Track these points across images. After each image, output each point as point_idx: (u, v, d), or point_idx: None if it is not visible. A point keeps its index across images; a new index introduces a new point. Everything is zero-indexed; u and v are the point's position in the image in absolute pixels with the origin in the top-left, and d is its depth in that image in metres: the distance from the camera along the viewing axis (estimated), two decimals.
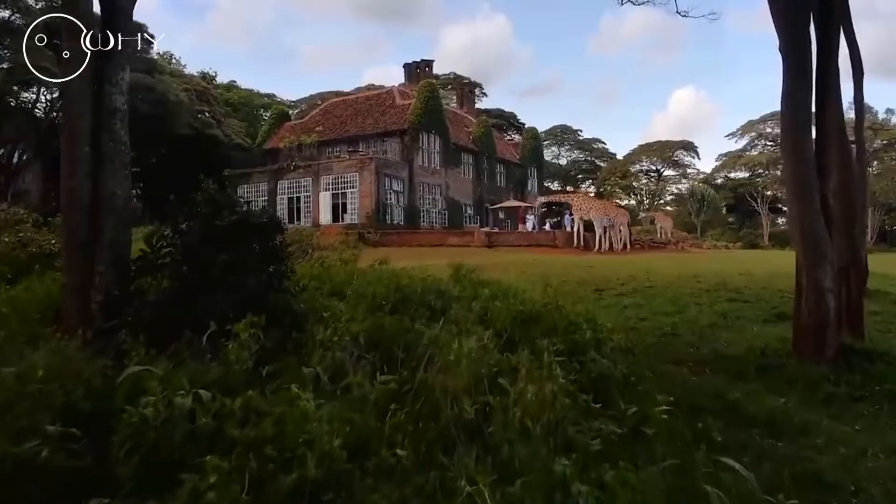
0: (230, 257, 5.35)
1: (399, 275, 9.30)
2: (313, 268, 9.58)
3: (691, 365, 7.39)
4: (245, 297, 5.20)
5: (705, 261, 22.14)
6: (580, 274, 15.64)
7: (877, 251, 55.51)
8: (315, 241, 12.46)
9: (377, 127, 36.26)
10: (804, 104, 6.82)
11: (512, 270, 16.25)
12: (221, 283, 5.26)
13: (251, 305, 5.26)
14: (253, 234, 5.58)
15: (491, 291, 8.12)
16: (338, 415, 2.75)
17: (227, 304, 5.14)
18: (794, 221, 6.95)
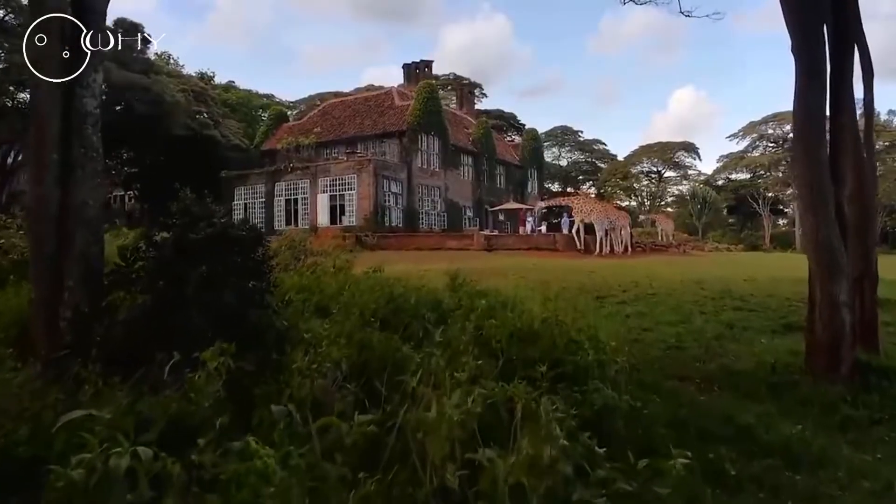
0: (206, 272, 5.00)
1: (392, 284, 8.94)
2: (303, 277, 9.23)
3: (698, 381, 7.02)
4: (222, 314, 4.85)
5: (708, 265, 21.78)
6: (581, 279, 15.27)
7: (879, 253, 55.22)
8: (308, 247, 12.05)
9: (376, 128, 35.91)
10: (818, 107, 6.45)
11: (511, 276, 15.90)
12: (197, 300, 4.90)
13: (229, 324, 4.91)
14: (232, 248, 5.22)
15: (488, 303, 7.74)
16: (303, 475, 2.37)
17: (202, 323, 4.80)
18: (807, 232, 6.58)
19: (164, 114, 34.27)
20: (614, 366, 5.07)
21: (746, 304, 11.71)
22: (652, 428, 4.58)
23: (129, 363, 4.57)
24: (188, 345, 4.64)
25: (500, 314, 6.99)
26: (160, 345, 4.56)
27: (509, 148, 47.83)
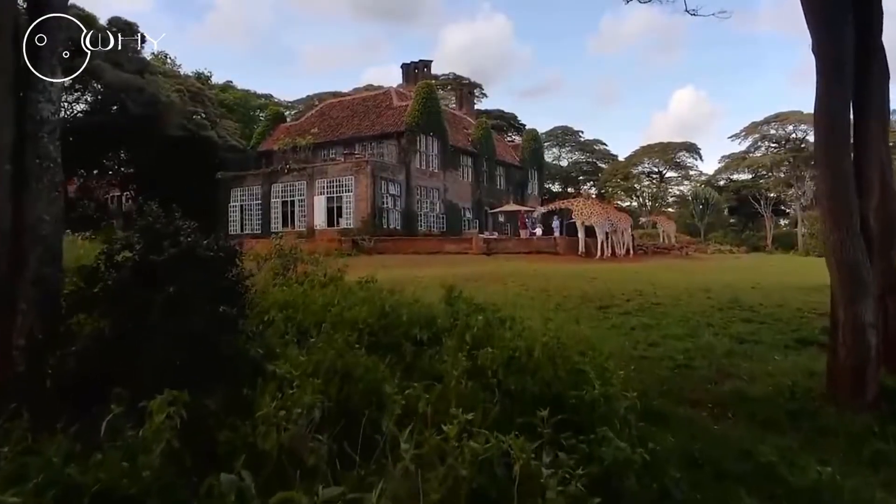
0: (171, 297, 4.51)
1: (385, 297, 8.43)
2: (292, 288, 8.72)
3: (710, 407, 6.53)
4: (189, 344, 4.37)
5: (712, 270, 21.28)
6: (582, 287, 14.78)
7: None
8: (299, 255, 11.55)
9: (374, 129, 35.40)
10: (842, 112, 5.96)
11: (510, 283, 15.41)
12: (160, 328, 4.42)
13: (197, 354, 4.43)
14: (201, 268, 4.72)
15: (485, 318, 7.24)
16: None
17: (166, 354, 4.32)
18: (830, 248, 6.08)
19: (159, 114, 33.79)
20: (623, 402, 4.57)
21: (756, 316, 11.21)
22: (665, 472, 4.10)
23: (85, 398, 4.10)
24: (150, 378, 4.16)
25: (498, 333, 6.51)
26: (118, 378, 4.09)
27: (509, 148, 47.31)
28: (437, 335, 6.65)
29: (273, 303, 7.24)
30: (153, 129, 35.09)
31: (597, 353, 6.21)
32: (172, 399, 3.26)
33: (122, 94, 32.93)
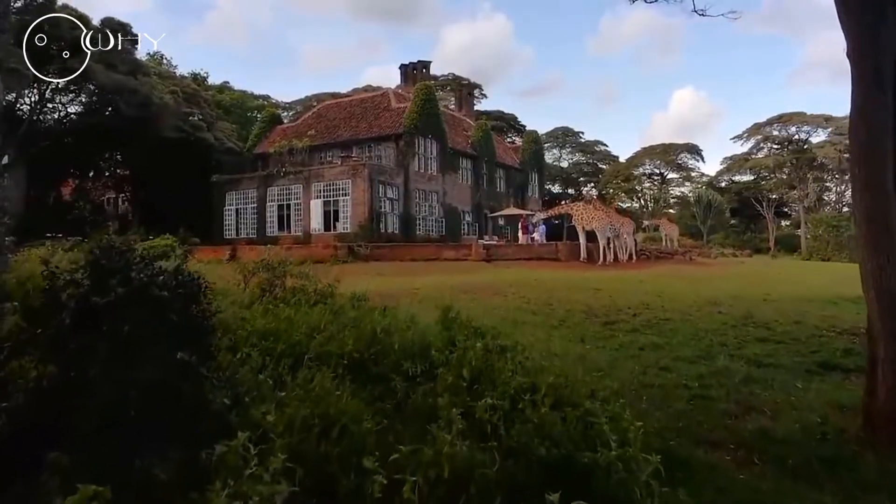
0: (120, 342, 3.91)
1: (376, 320, 7.82)
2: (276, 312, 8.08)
3: (733, 448, 5.90)
4: (140, 397, 3.76)
5: (719, 279, 20.65)
6: (586, 299, 14.16)
7: None
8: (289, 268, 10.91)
9: (371, 131, 34.78)
10: (882, 124, 5.34)
11: (511, 295, 14.77)
12: (106, 378, 3.80)
13: (148, 409, 3.81)
14: (155, 309, 4.11)
15: (485, 345, 6.62)
16: None
17: (112, 409, 3.70)
18: (867, 275, 5.46)
19: (152, 116, 33.14)
20: (645, 466, 3.94)
21: (772, 335, 10.58)
22: None
23: (16, 462, 3.50)
24: (92, 440, 3.56)
25: (498, 365, 5.91)
26: (56, 439, 3.50)
27: (509, 150, 46.68)
28: (433, 367, 6.06)
29: (252, 332, 6.63)
30: (147, 132, 34.48)
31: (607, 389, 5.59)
32: (94, 494, 2.64)
33: (115, 96, 32.28)
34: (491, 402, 4.43)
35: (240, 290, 10.49)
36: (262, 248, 26.55)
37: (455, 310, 8.60)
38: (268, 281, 10.76)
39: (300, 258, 23.70)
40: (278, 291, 10.28)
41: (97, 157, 43.93)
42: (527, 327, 11.25)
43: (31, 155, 36.69)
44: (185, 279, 4.35)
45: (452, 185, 36.66)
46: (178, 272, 4.43)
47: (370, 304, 10.72)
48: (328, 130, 36.75)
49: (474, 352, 6.26)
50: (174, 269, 4.47)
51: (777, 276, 22.13)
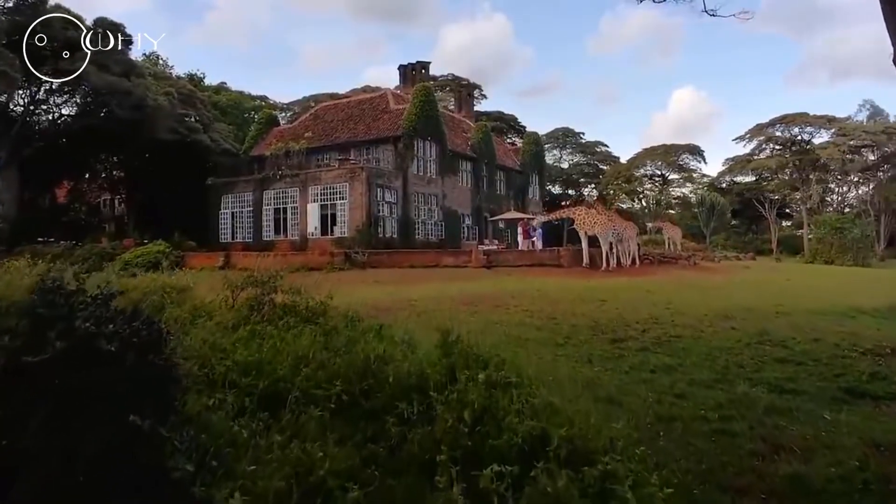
0: (61, 405, 3.33)
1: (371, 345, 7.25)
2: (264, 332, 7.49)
3: (764, 498, 5.31)
4: (83, 470, 3.17)
5: (727, 287, 20.04)
6: (592, 312, 13.56)
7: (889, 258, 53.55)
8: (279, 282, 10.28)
9: (370, 133, 34.17)
10: None
11: (513, 308, 14.17)
12: (43, 448, 3.22)
13: (92, 483, 3.23)
14: (105, 364, 3.52)
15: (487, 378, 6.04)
16: None
17: (49, 486, 3.13)
18: None
19: (146, 118, 32.53)
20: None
21: (791, 354, 9.99)
22: None
23: None
24: None
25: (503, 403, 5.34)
26: None
27: (510, 152, 46.08)
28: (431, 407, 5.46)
29: (232, 366, 6.02)
30: (141, 133, 33.89)
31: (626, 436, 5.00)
32: None
33: (108, 98, 31.68)
34: (498, 468, 3.83)
35: (227, 306, 9.86)
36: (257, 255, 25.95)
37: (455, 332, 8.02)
38: (256, 298, 10.10)
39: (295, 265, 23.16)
40: (267, 310, 9.62)
41: (92, 159, 43.35)
42: (531, 345, 10.66)
43: (25, 157, 36.12)
44: (143, 324, 3.75)
45: (452, 187, 36.06)
46: (135, 316, 3.83)
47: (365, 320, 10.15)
48: (326, 132, 36.14)
49: (476, 387, 5.68)
50: (131, 312, 3.88)
51: (786, 285, 21.52)
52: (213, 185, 34.94)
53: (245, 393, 5.41)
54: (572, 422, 5.07)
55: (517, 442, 4.69)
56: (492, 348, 9.85)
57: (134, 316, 3.78)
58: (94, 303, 3.72)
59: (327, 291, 14.16)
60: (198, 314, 9.00)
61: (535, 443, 4.77)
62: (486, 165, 39.53)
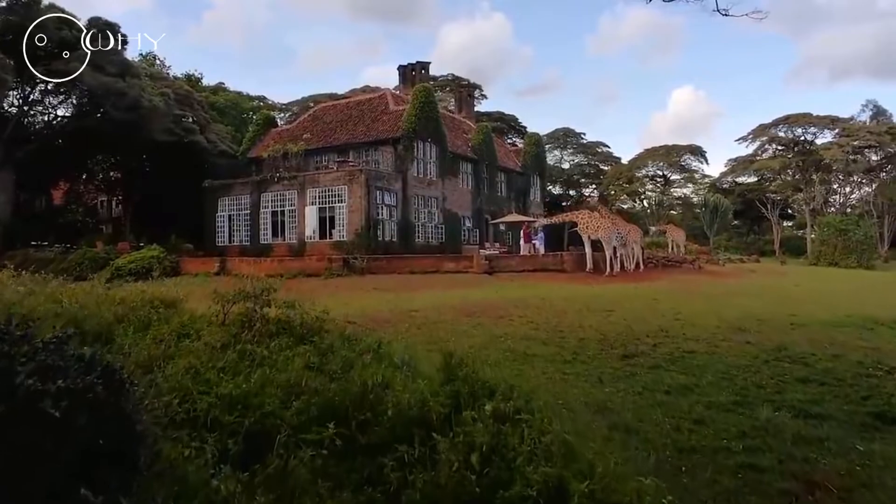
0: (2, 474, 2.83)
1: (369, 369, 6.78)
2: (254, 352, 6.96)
3: None
4: None
5: (736, 294, 19.52)
6: (599, 325, 13.04)
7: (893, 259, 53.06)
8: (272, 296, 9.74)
9: (369, 134, 33.62)
10: None
11: (517, 319, 13.63)
12: None
13: None
14: (51, 427, 3.00)
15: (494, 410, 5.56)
16: None
17: None
18: None
19: (141, 119, 31.97)
20: None
21: (813, 373, 9.46)
22: None
23: None
24: None
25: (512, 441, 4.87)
26: None
27: (511, 153, 45.53)
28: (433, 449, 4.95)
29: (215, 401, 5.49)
30: (137, 135, 33.35)
31: (653, 488, 4.49)
32: None
33: (102, 99, 31.14)
34: None
35: (217, 321, 9.29)
36: (253, 261, 25.43)
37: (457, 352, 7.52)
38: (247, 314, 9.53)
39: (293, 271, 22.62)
40: (259, 326, 9.04)
41: (89, 160, 42.82)
42: (537, 361, 10.15)
43: (19, 158, 35.56)
44: (99, 377, 3.21)
45: (452, 190, 35.52)
46: (91, 366, 3.29)
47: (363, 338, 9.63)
48: (324, 134, 35.60)
49: (483, 422, 5.19)
50: (88, 359, 3.34)
51: (796, 291, 20.99)
52: (210, 188, 34.40)
53: (229, 433, 4.90)
54: (592, 469, 4.57)
55: (531, 495, 4.20)
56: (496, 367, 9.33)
57: (90, 366, 3.25)
58: (44, 349, 3.20)
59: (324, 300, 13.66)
60: (186, 331, 8.46)
61: (551, 495, 4.27)
62: (487, 167, 38.99)
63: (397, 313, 14.14)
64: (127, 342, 7.65)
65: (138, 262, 24.22)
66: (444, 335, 11.85)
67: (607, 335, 11.99)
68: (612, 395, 8.54)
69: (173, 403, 5.23)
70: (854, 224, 48.49)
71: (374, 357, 7.89)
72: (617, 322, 13.33)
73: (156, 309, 9.84)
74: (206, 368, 6.42)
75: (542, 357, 10.36)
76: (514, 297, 16.57)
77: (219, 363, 6.65)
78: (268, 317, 9.22)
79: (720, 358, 10.38)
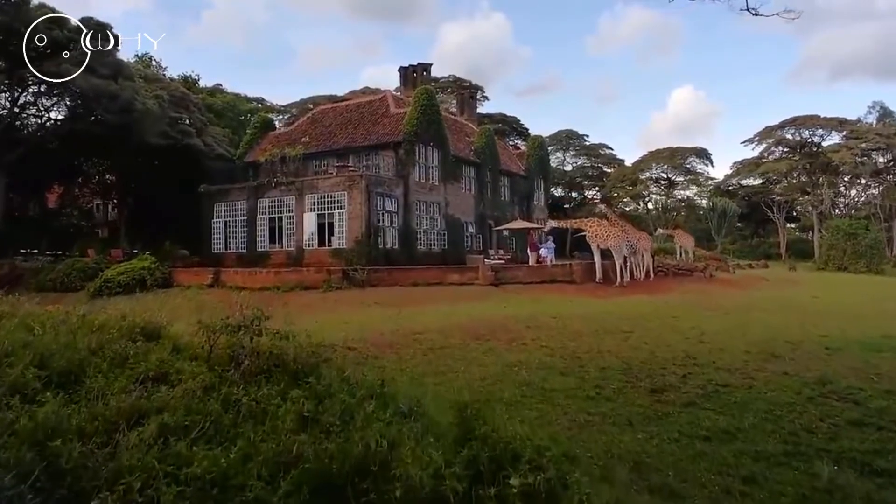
0: None
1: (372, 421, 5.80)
2: (238, 405, 5.98)
3: None
4: None
5: (754, 307, 18.52)
6: (619, 349, 12.05)
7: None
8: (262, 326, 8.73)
9: (369, 138, 32.63)
10: None
11: (531, 343, 12.63)
12: None
13: None
14: None
15: (522, 486, 4.63)
16: None
17: None
18: None
19: (134, 122, 30.99)
20: None
21: (866, 414, 8.47)
22: None
23: None
24: None
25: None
26: None
27: (514, 156, 44.53)
28: None
29: (185, 486, 4.50)
30: (131, 138, 32.38)
31: None
32: None
33: (93, 102, 30.16)
34: None
35: (203, 353, 8.24)
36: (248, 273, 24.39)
37: (473, 406, 6.53)
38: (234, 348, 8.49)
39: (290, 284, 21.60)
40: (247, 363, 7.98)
41: (84, 163, 41.89)
42: (557, 397, 9.16)
43: (10, 161, 34.57)
44: None
45: (455, 194, 34.53)
46: None
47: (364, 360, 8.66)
48: (323, 137, 34.61)
49: None
50: None
51: (816, 304, 19.99)
52: (206, 193, 33.39)
53: None
54: None
55: None
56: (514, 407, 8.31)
57: None
58: None
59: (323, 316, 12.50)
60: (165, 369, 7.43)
61: None
62: (490, 171, 38.00)
63: (400, 335, 13.17)
64: (97, 384, 6.63)
65: (128, 275, 23.20)
66: (453, 363, 10.88)
67: (630, 363, 11.00)
68: (646, 444, 7.56)
69: (133, 488, 4.25)
70: (864, 228, 47.58)
71: (377, 402, 6.92)
72: (638, 346, 12.36)
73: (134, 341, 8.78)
74: (180, 430, 5.40)
75: (561, 392, 9.38)
76: (525, 315, 15.57)
77: (196, 424, 5.63)
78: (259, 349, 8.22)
79: (759, 393, 9.40)
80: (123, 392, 6.07)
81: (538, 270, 24.01)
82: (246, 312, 8.86)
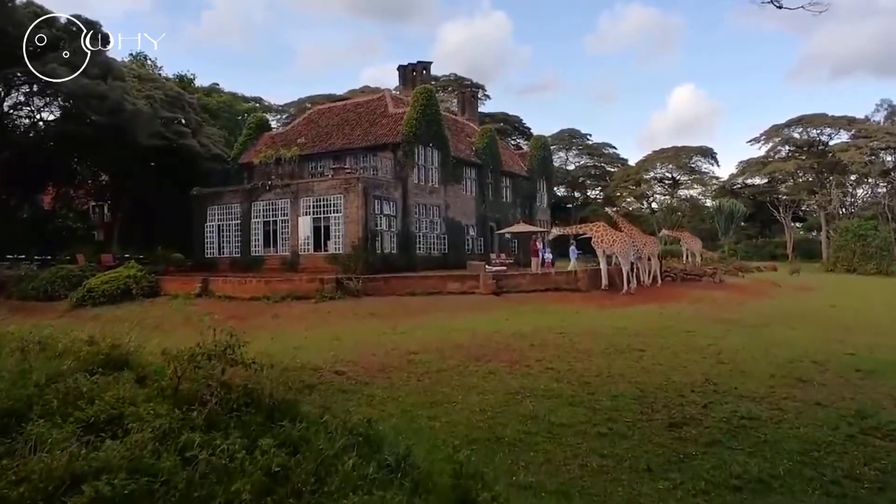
0: None
1: (353, 480, 4.90)
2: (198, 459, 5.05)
3: None
4: None
5: (773, 318, 17.52)
6: (631, 373, 11.07)
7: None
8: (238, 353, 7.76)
9: (367, 139, 31.64)
10: None
11: (536, 365, 11.63)
12: None
13: None
14: None
15: None
16: None
17: None
18: None
19: (125, 123, 30.05)
20: None
21: None
22: None
23: None
24: None
25: None
26: None
27: (516, 157, 43.48)
28: None
29: None
30: (122, 139, 31.45)
31: None
32: None
33: (82, 102, 29.23)
34: None
35: (170, 386, 7.30)
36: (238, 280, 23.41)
37: (470, 463, 5.64)
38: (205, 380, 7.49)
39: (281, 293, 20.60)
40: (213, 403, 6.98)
41: (78, 164, 40.98)
42: (566, 435, 8.19)
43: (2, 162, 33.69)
44: None
45: (455, 197, 33.53)
46: None
47: (351, 412, 7.75)
48: (320, 138, 33.63)
49: None
50: None
51: (836, 315, 18.98)
52: (199, 196, 32.46)
53: None
54: None
55: None
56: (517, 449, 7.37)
57: None
58: None
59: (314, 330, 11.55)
60: (120, 411, 6.46)
61: None
62: (492, 172, 36.97)
63: (394, 356, 12.20)
64: (38, 431, 5.66)
65: (112, 284, 22.22)
66: (450, 391, 9.92)
67: (644, 389, 10.04)
68: (669, 496, 6.60)
69: None
70: (873, 229, 46.52)
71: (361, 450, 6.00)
72: (652, 368, 11.38)
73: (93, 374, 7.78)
74: (119, 500, 4.46)
75: (570, 428, 8.41)
76: (528, 331, 14.58)
77: (141, 490, 4.67)
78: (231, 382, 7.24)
79: (791, 429, 8.42)
80: (65, 441, 5.12)
81: (541, 278, 23.00)
82: (220, 337, 7.85)
